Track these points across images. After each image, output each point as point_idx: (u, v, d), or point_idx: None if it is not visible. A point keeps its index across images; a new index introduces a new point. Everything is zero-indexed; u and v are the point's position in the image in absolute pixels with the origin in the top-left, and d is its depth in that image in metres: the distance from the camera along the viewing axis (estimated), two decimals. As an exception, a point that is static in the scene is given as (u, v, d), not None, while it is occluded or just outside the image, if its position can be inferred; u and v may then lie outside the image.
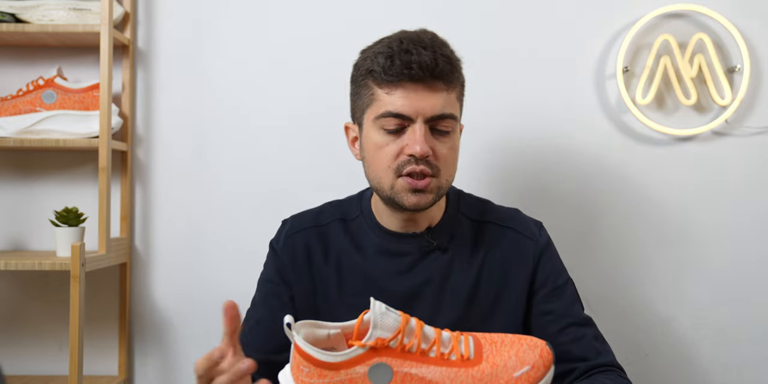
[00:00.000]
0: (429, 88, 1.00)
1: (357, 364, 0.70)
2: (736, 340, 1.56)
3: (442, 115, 1.01)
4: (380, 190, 1.05)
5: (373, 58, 1.03)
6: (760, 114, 1.56)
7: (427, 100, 1.00)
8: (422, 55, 0.98)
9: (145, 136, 1.61)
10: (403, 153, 1.01)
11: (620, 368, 1.07)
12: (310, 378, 0.69)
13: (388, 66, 0.99)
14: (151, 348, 1.60)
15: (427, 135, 1.01)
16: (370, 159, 1.05)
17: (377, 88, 1.02)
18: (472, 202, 1.18)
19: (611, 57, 1.56)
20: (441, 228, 1.12)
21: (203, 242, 1.59)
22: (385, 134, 1.02)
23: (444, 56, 1.01)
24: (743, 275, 1.57)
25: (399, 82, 1.00)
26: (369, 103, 1.04)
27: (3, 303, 1.60)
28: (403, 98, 1.00)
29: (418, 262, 1.11)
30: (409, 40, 1.01)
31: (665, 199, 1.57)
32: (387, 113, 1.01)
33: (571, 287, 1.13)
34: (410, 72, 0.98)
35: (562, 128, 1.58)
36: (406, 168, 1.01)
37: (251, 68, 1.60)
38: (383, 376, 0.70)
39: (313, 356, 0.69)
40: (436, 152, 1.02)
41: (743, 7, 1.55)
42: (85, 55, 1.60)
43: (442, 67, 0.99)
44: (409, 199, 1.02)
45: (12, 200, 1.61)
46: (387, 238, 1.11)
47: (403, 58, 0.99)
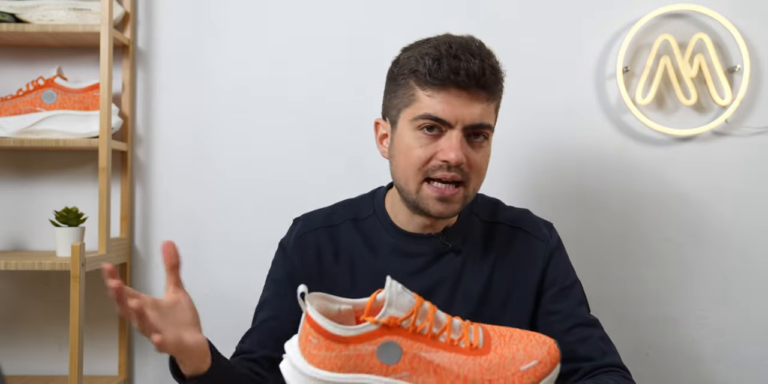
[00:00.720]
0: (472, 96, 0.99)
1: (367, 341, 0.70)
2: (736, 340, 1.57)
3: (481, 124, 1.01)
4: (405, 192, 1.05)
5: (418, 59, 1.01)
6: (760, 114, 1.57)
7: (468, 107, 0.99)
8: (471, 63, 0.98)
9: (145, 136, 1.61)
10: (436, 158, 1.00)
11: (625, 369, 1.08)
12: (318, 350, 0.69)
13: (435, 69, 0.98)
14: (151, 348, 1.54)
15: (463, 143, 1.00)
16: (400, 158, 1.04)
17: (419, 89, 1.01)
18: (483, 203, 1.18)
19: (611, 57, 1.57)
20: (456, 230, 1.12)
21: (203, 242, 1.59)
22: (421, 136, 1.01)
23: (491, 67, 1.00)
24: (744, 275, 1.57)
25: (443, 87, 0.99)
26: (408, 103, 1.03)
27: (3, 303, 1.61)
28: (445, 103, 0.99)
29: (432, 263, 1.11)
30: (458, 45, 1.00)
31: (665, 199, 1.58)
32: (426, 115, 0.99)
33: (578, 288, 1.14)
34: (457, 78, 0.97)
35: (562, 128, 1.58)
36: (436, 173, 1.00)
37: (251, 68, 1.60)
38: (392, 354, 0.70)
39: (325, 328, 0.69)
40: (470, 160, 1.01)
41: (743, 7, 1.56)
42: (85, 55, 1.60)
43: (488, 77, 0.99)
44: (436, 207, 1.02)
45: (12, 200, 1.61)
46: (402, 238, 1.11)
47: (452, 63, 0.98)
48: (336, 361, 0.68)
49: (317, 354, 0.69)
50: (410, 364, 0.70)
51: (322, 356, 0.69)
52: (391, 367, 0.70)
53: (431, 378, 0.71)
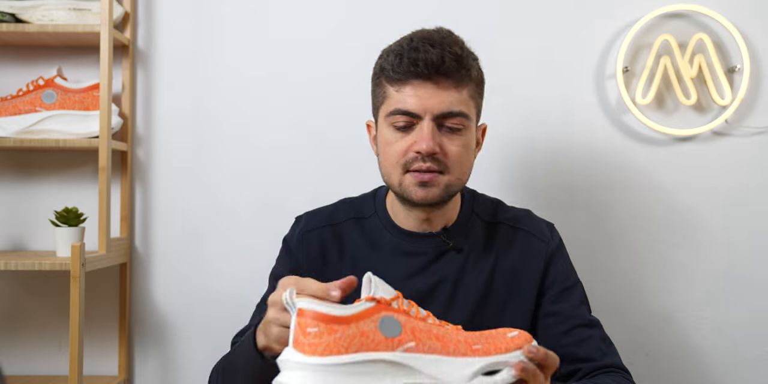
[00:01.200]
0: (436, 85, 1.00)
1: (367, 317, 0.70)
2: (735, 339, 1.57)
3: (451, 112, 1.01)
4: (391, 186, 1.07)
5: (385, 57, 1.04)
6: (760, 114, 1.57)
7: (434, 97, 1.00)
8: (429, 53, 0.99)
9: (145, 136, 1.62)
10: (411, 150, 1.02)
11: (625, 370, 1.08)
12: (319, 338, 0.68)
13: (397, 64, 1.01)
14: (151, 348, 1.61)
15: (435, 132, 1.01)
16: (382, 155, 1.07)
17: (388, 86, 1.04)
18: (485, 203, 1.19)
19: (611, 57, 1.58)
20: (457, 228, 1.13)
21: (203, 242, 1.60)
22: (395, 131, 1.03)
23: (452, 53, 1.00)
24: (742, 275, 1.58)
25: (407, 80, 1.01)
26: (382, 101, 1.06)
27: (3, 303, 1.61)
28: (411, 96, 1.01)
29: (434, 262, 1.11)
30: (419, 38, 1.02)
31: (665, 199, 1.59)
32: (396, 111, 1.02)
33: (579, 289, 1.15)
34: (416, 69, 0.99)
35: (563, 128, 1.59)
36: (413, 165, 1.02)
37: (251, 68, 1.61)
38: (393, 328, 0.71)
39: (322, 312, 0.69)
40: (444, 149, 1.02)
41: (743, 7, 1.57)
42: (85, 55, 1.61)
43: (448, 65, 1.00)
44: (417, 192, 1.03)
45: (12, 200, 1.62)
46: (403, 237, 1.12)
47: (411, 55, 1.00)
48: (341, 342, 0.68)
49: (319, 342, 0.68)
50: (412, 333, 0.72)
51: (326, 342, 0.68)
52: (395, 339, 0.70)
53: (436, 343, 0.72)
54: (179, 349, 1.59)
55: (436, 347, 0.73)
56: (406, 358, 0.70)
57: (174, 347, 1.60)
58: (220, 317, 1.56)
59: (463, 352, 0.74)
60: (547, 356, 0.75)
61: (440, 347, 0.73)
